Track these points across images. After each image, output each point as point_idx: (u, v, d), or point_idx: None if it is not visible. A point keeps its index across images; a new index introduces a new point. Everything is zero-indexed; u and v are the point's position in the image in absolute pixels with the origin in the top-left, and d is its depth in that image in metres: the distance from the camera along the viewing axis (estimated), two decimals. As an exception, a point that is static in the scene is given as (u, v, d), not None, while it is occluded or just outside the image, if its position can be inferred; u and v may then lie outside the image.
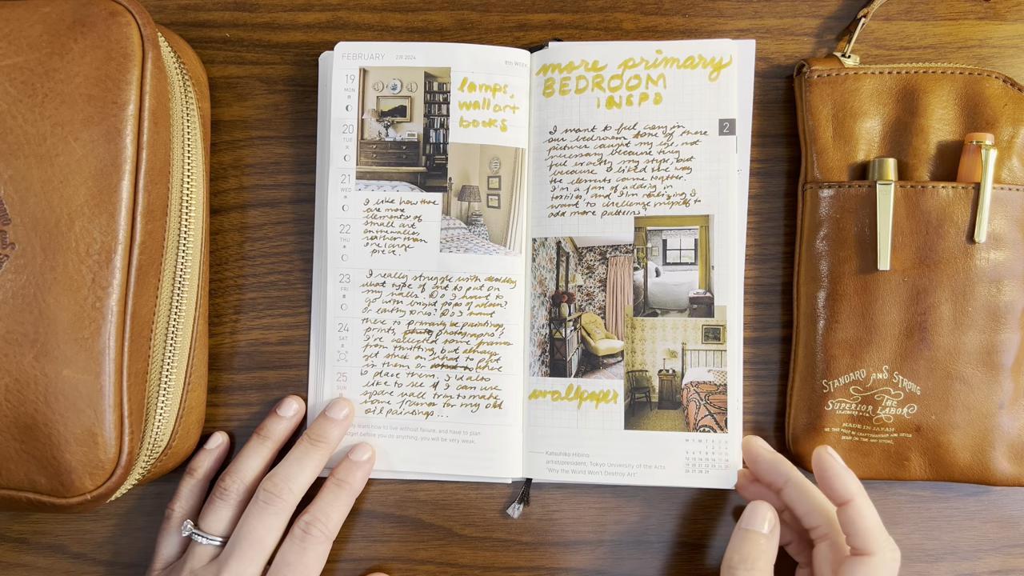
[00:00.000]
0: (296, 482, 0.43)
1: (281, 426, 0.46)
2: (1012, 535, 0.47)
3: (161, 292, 0.41)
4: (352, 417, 0.46)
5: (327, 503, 0.44)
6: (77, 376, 0.37)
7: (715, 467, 0.45)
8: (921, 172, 0.45)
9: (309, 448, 0.44)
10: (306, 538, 0.42)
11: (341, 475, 0.45)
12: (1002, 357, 0.44)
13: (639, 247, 0.47)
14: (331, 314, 0.47)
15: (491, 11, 0.49)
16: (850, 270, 0.45)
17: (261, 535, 0.42)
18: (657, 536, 0.48)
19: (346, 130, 0.47)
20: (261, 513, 0.42)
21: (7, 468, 0.37)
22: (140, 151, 0.38)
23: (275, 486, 0.43)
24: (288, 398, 0.47)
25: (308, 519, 0.43)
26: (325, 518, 0.43)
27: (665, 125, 0.46)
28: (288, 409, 0.46)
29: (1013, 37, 0.48)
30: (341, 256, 0.47)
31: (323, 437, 0.45)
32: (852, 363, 0.45)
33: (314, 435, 0.45)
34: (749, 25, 0.49)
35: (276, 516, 0.42)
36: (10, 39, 0.38)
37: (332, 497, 0.44)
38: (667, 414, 0.46)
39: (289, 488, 0.43)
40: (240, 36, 0.49)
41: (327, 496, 0.44)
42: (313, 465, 0.44)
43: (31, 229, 0.37)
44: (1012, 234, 0.44)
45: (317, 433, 0.45)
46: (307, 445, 0.45)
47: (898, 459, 0.45)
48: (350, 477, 0.45)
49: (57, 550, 0.48)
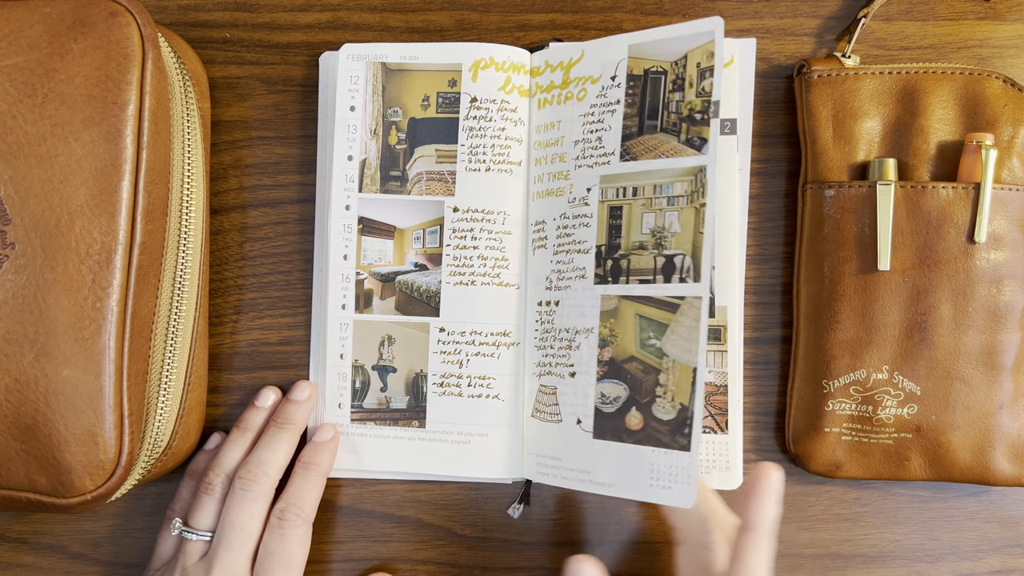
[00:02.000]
0: (270, 465, 0.44)
1: (260, 417, 0.47)
2: (1012, 535, 0.47)
3: (161, 292, 0.41)
4: (315, 397, 0.47)
5: (297, 487, 0.44)
6: (77, 376, 0.37)
7: (716, 468, 0.45)
8: (921, 172, 0.45)
9: (277, 432, 0.45)
10: (283, 524, 0.43)
11: (307, 458, 0.45)
12: (1002, 357, 0.44)
13: (639, 247, 0.47)
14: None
15: (491, 11, 0.49)
16: (850, 270, 0.45)
17: (244, 522, 0.42)
18: (657, 536, 0.48)
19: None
20: (240, 500, 0.43)
21: (7, 468, 0.37)
22: (140, 151, 0.38)
23: (249, 472, 0.43)
24: (265, 389, 0.47)
25: (282, 506, 0.43)
26: (298, 502, 0.43)
27: (665, 125, 0.46)
28: (265, 400, 0.47)
29: (1013, 37, 0.48)
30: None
31: (289, 419, 0.45)
32: (852, 363, 0.45)
33: (280, 419, 0.46)
34: (749, 25, 0.49)
35: (255, 501, 0.43)
36: (10, 39, 0.38)
37: (301, 480, 0.44)
38: (667, 414, 0.46)
39: (264, 472, 0.43)
40: (240, 36, 0.49)
41: (296, 480, 0.45)
42: (284, 448, 0.45)
43: (31, 229, 0.37)
44: (1012, 234, 0.44)
45: (283, 417, 0.46)
46: (275, 429, 0.45)
47: (898, 459, 0.45)
48: (316, 458, 0.45)
49: (57, 550, 0.48)
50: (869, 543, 0.48)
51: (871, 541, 0.48)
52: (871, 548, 0.48)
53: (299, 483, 0.44)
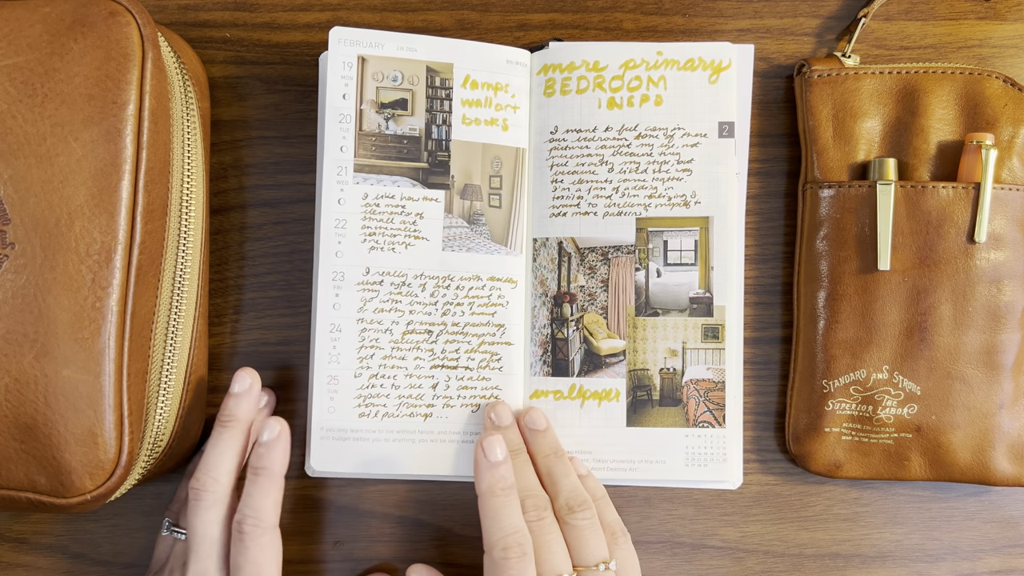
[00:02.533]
0: (218, 470, 0.42)
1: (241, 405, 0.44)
2: (1012, 535, 0.47)
3: (161, 292, 0.41)
4: (257, 385, 0.44)
5: (250, 496, 0.41)
6: (77, 376, 0.37)
7: (714, 461, 0.46)
8: (921, 172, 0.45)
9: (221, 432, 0.43)
10: (243, 537, 0.41)
11: (256, 461, 0.42)
12: (1002, 357, 0.44)
13: (640, 248, 0.47)
14: (322, 314, 0.46)
15: (491, 11, 0.49)
16: (850, 270, 0.45)
17: (205, 531, 0.41)
18: (657, 536, 0.48)
19: (343, 120, 0.46)
20: (195, 511, 0.41)
21: (7, 468, 0.37)
22: (140, 151, 0.38)
23: (198, 481, 0.41)
24: (239, 371, 0.44)
25: (239, 518, 0.41)
26: (254, 512, 0.41)
27: (666, 127, 0.47)
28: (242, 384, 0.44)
29: (1013, 37, 0.48)
30: (335, 253, 0.46)
31: (231, 415, 0.43)
32: (852, 363, 0.45)
33: (223, 417, 0.43)
34: (749, 25, 0.49)
35: (209, 509, 0.41)
36: (10, 39, 0.38)
37: (254, 488, 0.42)
38: (668, 411, 0.46)
39: (213, 478, 0.41)
40: (240, 36, 0.49)
41: (249, 489, 0.42)
42: (231, 448, 0.42)
43: (31, 229, 0.37)
44: (1012, 234, 0.44)
45: (225, 414, 0.43)
46: (219, 429, 0.43)
47: (898, 459, 0.45)
48: (265, 461, 0.42)
49: (57, 550, 0.48)
50: (869, 543, 0.48)
51: (871, 541, 0.48)
52: (871, 548, 0.48)
53: (252, 491, 0.41)
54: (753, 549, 0.48)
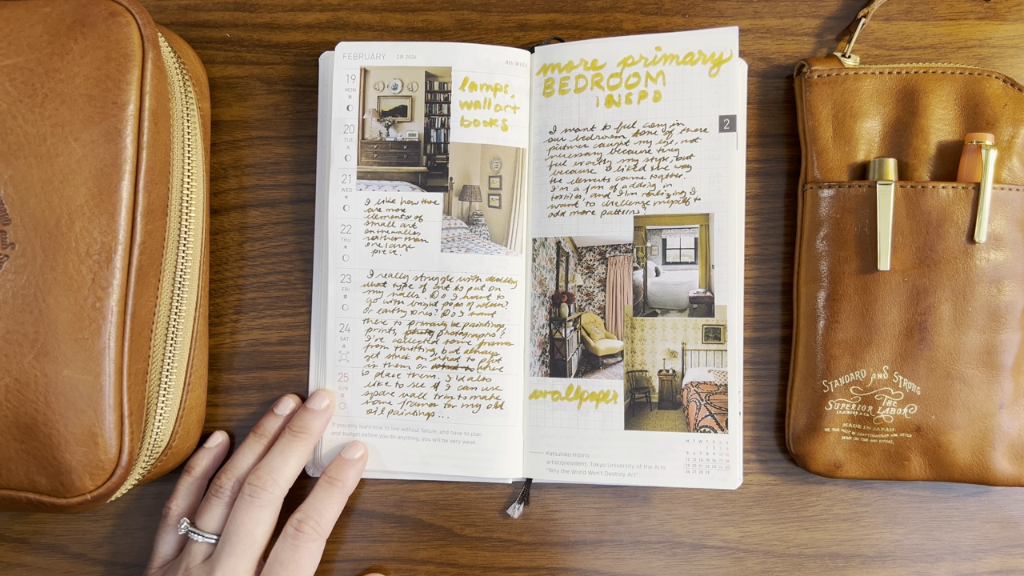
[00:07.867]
0: (280, 474, 0.43)
1: (278, 424, 0.46)
2: (1012, 535, 0.47)
3: (161, 292, 0.41)
4: (333, 407, 0.47)
5: (319, 501, 0.44)
6: (77, 376, 0.37)
7: (716, 467, 0.45)
8: (921, 172, 0.45)
9: (292, 440, 0.45)
10: (298, 536, 0.42)
11: (333, 473, 0.45)
12: (1002, 357, 0.44)
13: (639, 246, 0.47)
14: (332, 314, 0.47)
15: (491, 11, 0.49)
16: (850, 270, 0.45)
17: (250, 529, 0.42)
18: (657, 536, 0.48)
19: (347, 130, 0.47)
20: (248, 507, 0.42)
21: (7, 468, 0.37)
22: (140, 151, 0.38)
23: (259, 479, 0.43)
24: (285, 397, 0.47)
25: (300, 517, 0.43)
26: (317, 516, 0.43)
27: (664, 123, 0.46)
28: (285, 407, 0.47)
29: (1013, 37, 0.48)
30: (342, 256, 0.47)
31: (305, 428, 0.45)
32: (852, 363, 0.45)
33: (296, 427, 0.45)
34: (749, 25, 0.49)
35: (262, 509, 0.42)
36: (10, 39, 0.38)
37: (324, 495, 0.44)
38: (667, 414, 0.46)
39: (274, 480, 0.43)
40: (240, 36, 0.49)
41: (319, 494, 0.44)
42: (297, 457, 0.44)
43: (31, 229, 0.37)
44: (1012, 234, 0.44)
45: (299, 425, 0.45)
46: (289, 437, 0.45)
47: (898, 459, 0.45)
48: (342, 475, 0.45)
49: (57, 550, 0.48)
50: (869, 543, 0.48)
51: (871, 541, 0.48)
52: (871, 548, 0.48)
53: (321, 496, 0.44)
54: (753, 549, 0.48)
